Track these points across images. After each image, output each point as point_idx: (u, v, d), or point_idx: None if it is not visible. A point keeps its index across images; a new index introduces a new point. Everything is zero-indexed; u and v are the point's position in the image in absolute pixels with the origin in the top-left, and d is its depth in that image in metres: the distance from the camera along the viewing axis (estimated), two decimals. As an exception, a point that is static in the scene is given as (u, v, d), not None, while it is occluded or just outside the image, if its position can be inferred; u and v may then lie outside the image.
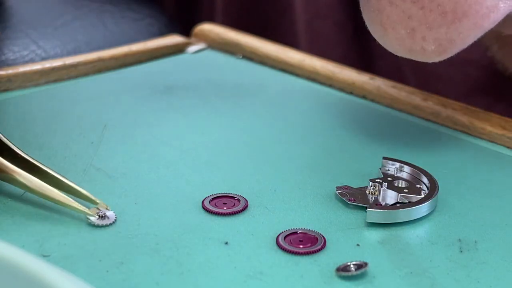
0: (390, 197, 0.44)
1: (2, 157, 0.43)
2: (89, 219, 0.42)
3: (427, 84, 0.71)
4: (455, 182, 0.47)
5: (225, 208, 0.44)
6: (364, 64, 0.78)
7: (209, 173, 0.47)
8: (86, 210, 0.42)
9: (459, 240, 0.42)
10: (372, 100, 0.58)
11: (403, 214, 0.43)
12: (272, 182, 0.47)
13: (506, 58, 0.52)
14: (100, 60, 0.61)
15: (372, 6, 0.44)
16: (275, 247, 0.41)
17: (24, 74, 0.58)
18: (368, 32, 0.45)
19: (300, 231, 0.42)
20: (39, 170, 0.43)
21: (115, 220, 0.42)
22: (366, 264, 0.39)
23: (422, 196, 0.44)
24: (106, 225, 0.42)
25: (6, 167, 0.43)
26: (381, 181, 0.45)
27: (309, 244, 0.41)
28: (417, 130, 0.54)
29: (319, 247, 0.40)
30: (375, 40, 0.45)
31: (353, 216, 0.43)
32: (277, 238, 0.41)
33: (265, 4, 0.85)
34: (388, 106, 0.57)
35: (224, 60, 0.64)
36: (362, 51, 0.79)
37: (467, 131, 0.53)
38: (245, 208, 0.44)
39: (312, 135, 0.52)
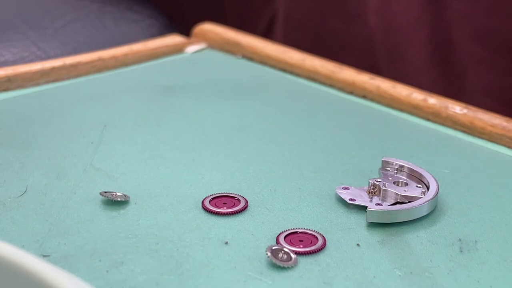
0: (390, 197, 0.44)
1: None
2: None
3: None
4: (455, 182, 0.47)
5: (225, 208, 0.44)
6: (440, 28, 0.76)
7: (209, 173, 0.47)
8: None
9: (459, 240, 0.42)
10: (372, 100, 0.58)
11: (403, 214, 0.43)
12: (272, 182, 0.47)
13: None
14: (100, 60, 0.61)
15: None
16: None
17: (24, 74, 0.58)
18: None
19: (300, 231, 0.42)
20: None
21: None
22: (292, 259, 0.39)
23: (422, 196, 0.44)
24: None
25: None
26: (381, 181, 0.45)
27: (309, 244, 0.41)
28: (417, 130, 0.54)
29: (319, 247, 0.40)
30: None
31: (353, 216, 0.43)
32: (277, 238, 0.41)
33: None
34: (388, 106, 0.57)
35: (224, 60, 0.64)
36: (437, 14, 0.76)
37: (467, 131, 0.53)
38: (245, 208, 0.44)
39: (312, 135, 0.52)
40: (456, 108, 0.54)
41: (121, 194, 0.44)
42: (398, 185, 0.45)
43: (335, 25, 0.86)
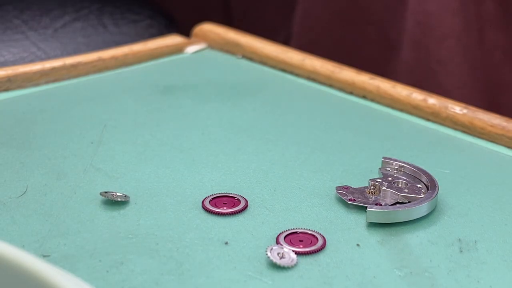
0: (390, 197, 0.44)
1: None
2: None
3: None
4: (455, 182, 0.47)
5: (225, 208, 0.44)
6: (483, 32, 0.76)
7: (209, 173, 0.47)
8: None
9: (459, 240, 0.42)
10: (372, 100, 0.58)
11: (403, 214, 0.43)
12: (272, 182, 0.47)
13: None
14: (100, 60, 0.61)
15: None
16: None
17: (24, 74, 0.58)
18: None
19: (300, 231, 0.42)
20: None
21: None
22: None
23: (422, 196, 0.44)
24: None
25: None
26: (381, 181, 0.45)
27: (309, 244, 0.41)
28: (417, 130, 0.54)
29: (319, 247, 0.40)
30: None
31: (353, 216, 0.43)
32: (277, 238, 0.41)
33: None
34: (388, 106, 0.57)
35: (224, 60, 0.64)
36: (483, 20, 0.76)
37: (467, 131, 0.53)
38: (245, 208, 0.44)
39: (312, 135, 0.52)
40: (456, 108, 0.54)
41: (121, 194, 0.44)
42: (398, 185, 0.45)
43: (358, 36, 0.86)
